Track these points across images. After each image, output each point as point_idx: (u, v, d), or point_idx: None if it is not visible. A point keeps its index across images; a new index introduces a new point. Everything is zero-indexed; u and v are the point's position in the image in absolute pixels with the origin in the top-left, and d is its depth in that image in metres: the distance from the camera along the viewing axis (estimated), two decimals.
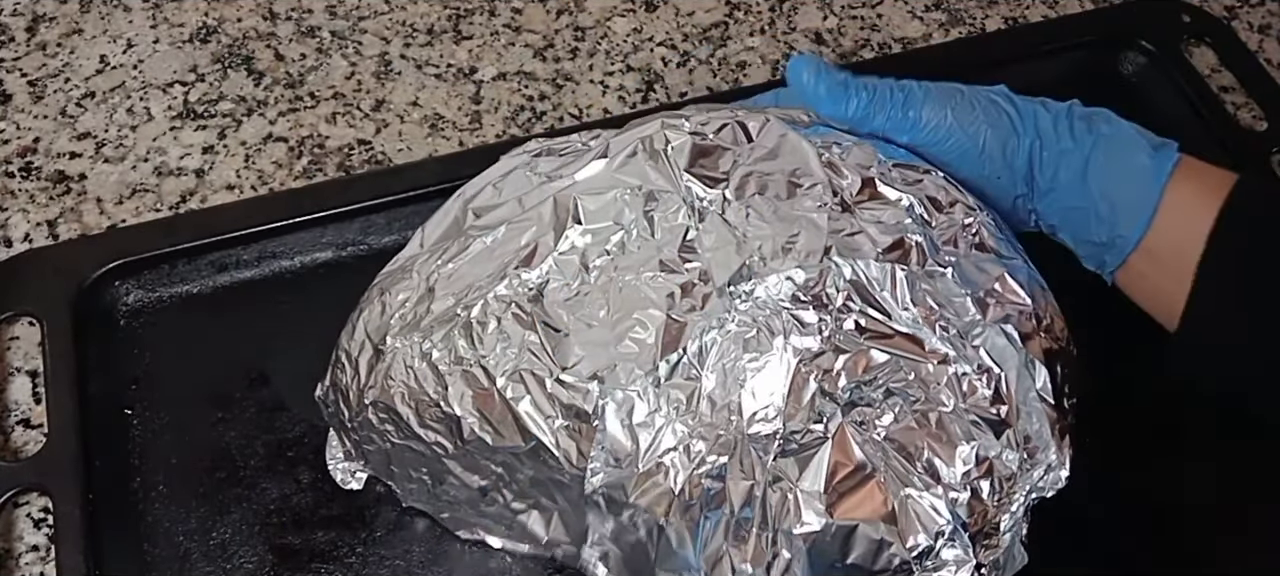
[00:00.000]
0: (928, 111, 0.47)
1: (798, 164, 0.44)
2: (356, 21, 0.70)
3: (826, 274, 0.41)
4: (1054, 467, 0.41)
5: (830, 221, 0.42)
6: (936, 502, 0.39)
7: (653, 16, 0.71)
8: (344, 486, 0.51)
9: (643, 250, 0.42)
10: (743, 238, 0.42)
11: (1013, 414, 0.41)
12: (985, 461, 0.40)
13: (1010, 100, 0.49)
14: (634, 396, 0.40)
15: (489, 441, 0.42)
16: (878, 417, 0.40)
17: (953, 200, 0.45)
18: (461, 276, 0.44)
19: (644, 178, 0.44)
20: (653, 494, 0.40)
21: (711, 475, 0.40)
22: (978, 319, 0.41)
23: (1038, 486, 0.41)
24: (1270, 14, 0.74)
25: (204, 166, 0.63)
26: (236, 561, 0.50)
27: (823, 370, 0.40)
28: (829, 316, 0.41)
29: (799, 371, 0.40)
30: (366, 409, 0.45)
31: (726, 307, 0.41)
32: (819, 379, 0.40)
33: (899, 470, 0.39)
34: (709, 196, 0.43)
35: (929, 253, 0.42)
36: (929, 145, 0.47)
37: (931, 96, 0.48)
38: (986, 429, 0.40)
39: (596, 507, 0.42)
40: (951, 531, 0.39)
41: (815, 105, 0.48)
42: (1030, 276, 0.44)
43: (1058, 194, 0.47)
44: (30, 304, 0.55)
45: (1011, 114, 0.48)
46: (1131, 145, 0.47)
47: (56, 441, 0.51)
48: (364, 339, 0.45)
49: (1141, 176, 0.46)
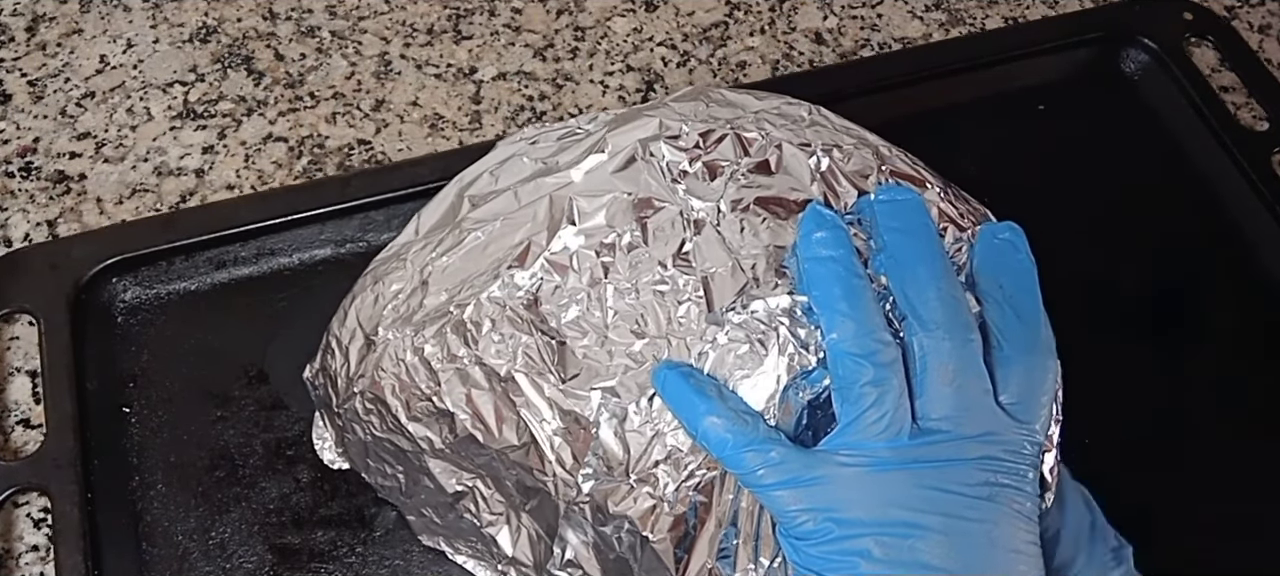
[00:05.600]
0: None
1: (793, 179, 0.44)
2: (356, 21, 0.70)
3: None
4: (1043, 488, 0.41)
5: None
6: None
7: (653, 16, 0.71)
8: (331, 466, 0.50)
9: (638, 259, 0.42)
10: (737, 254, 0.41)
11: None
12: None
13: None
14: (628, 406, 0.40)
15: (480, 439, 0.42)
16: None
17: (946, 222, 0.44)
18: (455, 272, 0.44)
19: (640, 185, 0.43)
20: (642, 506, 0.40)
21: (700, 488, 0.40)
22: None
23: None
24: (1271, 13, 0.74)
25: (204, 166, 0.63)
26: (236, 561, 0.50)
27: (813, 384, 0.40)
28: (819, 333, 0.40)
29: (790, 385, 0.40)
30: (354, 397, 0.45)
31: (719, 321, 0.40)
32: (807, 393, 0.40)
33: None
34: (704, 209, 0.43)
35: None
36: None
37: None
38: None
39: (581, 517, 0.42)
40: None
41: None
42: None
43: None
44: (27, 301, 0.55)
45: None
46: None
47: (55, 440, 0.51)
48: (356, 327, 0.45)
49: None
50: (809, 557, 0.36)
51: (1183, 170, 0.66)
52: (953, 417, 0.36)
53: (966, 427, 0.36)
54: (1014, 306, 0.39)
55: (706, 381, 0.38)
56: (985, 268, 0.40)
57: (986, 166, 0.57)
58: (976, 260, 0.41)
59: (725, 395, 0.38)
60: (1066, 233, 0.60)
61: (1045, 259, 0.47)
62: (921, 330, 0.37)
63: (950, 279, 0.38)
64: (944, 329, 0.37)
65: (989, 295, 0.39)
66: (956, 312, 0.38)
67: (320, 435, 0.51)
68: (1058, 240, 0.52)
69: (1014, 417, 0.37)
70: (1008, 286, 0.39)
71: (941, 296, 0.38)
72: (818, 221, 0.39)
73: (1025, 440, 0.37)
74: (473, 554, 0.48)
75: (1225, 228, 0.63)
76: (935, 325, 0.37)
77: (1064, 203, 0.62)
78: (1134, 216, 0.63)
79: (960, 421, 0.36)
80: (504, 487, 0.44)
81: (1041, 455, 0.39)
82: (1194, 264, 0.62)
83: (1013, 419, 0.37)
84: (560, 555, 0.43)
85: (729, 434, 0.37)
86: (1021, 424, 0.37)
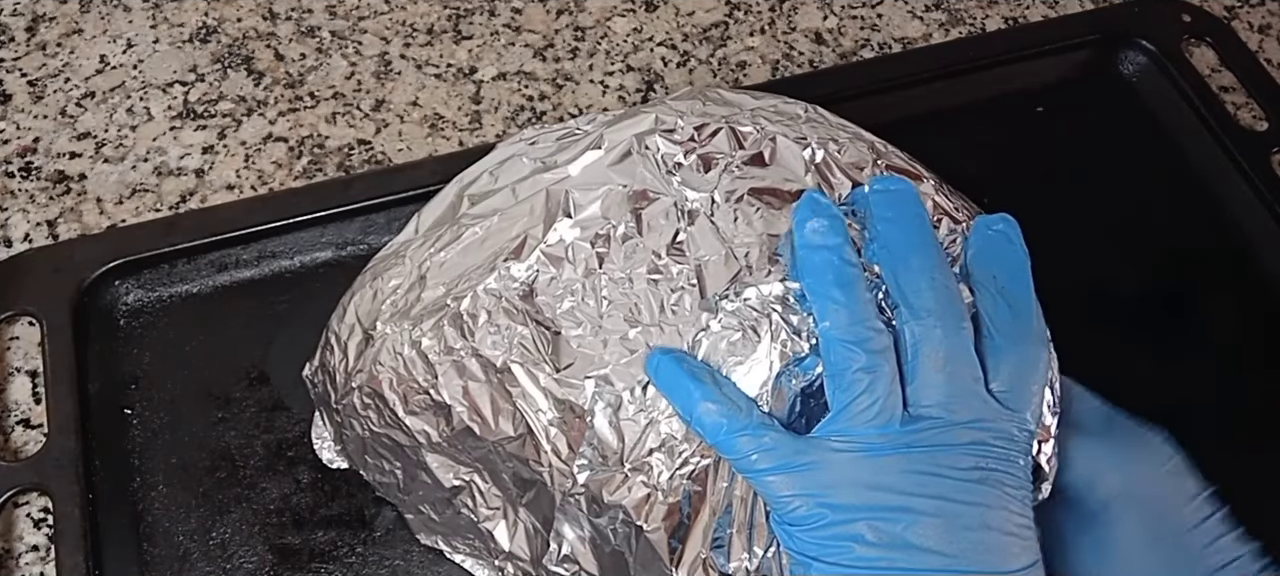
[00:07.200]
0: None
1: (787, 170, 0.44)
2: (356, 21, 0.70)
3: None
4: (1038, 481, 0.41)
5: None
6: None
7: (653, 16, 0.71)
8: (330, 465, 0.51)
9: (632, 249, 0.42)
10: (731, 243, 0.42)
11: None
12: None
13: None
14: (623, 396, 0.40)
15: (476, 431, 0.42)
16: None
17: (940, 214, 0.44)
18: (452, 266, 0.44)
19: (635, 177, 0.44)
20: (637, 495, 0.40)
21: (694, 476, 0.40)
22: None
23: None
24: (1270, 14, 0.74)
25: (204, 166, 0.63)
26: (236, 561, 0.50)
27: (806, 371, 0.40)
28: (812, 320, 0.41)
29: (783, 372, 0.40)
30: (352, 392, 0.45)
31: (712, 308, 0.41)
32: (800, 380, 0.40)
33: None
34: (698, 199, 0.43)
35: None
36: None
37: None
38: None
39: (577, 510, 0.42)
40: None
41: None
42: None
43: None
44: (30, 303, 0.55)
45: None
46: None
47: (56, 441, 0.51)
48: (354, 323, 0.46)
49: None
50: (803, 543, 0.36)
51: (1182, 171, 0.66)
52: (944, 404, 0.36)
53: (957, 414, 0.37)
54: (1006, 297, 0.39)
55: (700, 367, 0.38)
56: (979, 259, 0.40)
57: (986, 167, 0.57)
58: (971, 251, 0.41)
59: (719, 381, 0.38)
60: (1066, 233, 0.61)
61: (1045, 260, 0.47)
62: (913, 318, 0.37)
63: (943, 268, 0.39)
64: (935, 316, 0.37)
65: (982, 285, 0.40)
66: (949, 301, 0.38)
67: (319, 434, 0.51)
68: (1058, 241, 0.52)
69: (1004, 405, 0.37)
70: (1001, 277, 0.40)
71: (934, 285, 0.38)
72: (813, 209, 0.39)
73: (1014, 427, 0.37)
74: (470, 551, 0.48)
75: (1225, 228, 0.64)
76: (927, 313, 0.37)
77: (1064, 203, 0.62)
78: (1134, 217, 0.64)
79: (951, 407, 0.37)
80: (501, 481, 0.44)
81: (1034, 443, 0.39)
82: (1194, 264, 0.62)
83: (1003, 406, 0.37)
84: (557, 551, 0.43)
85: (723, 419, 0.37)
86: (1011, 411, 0.37)
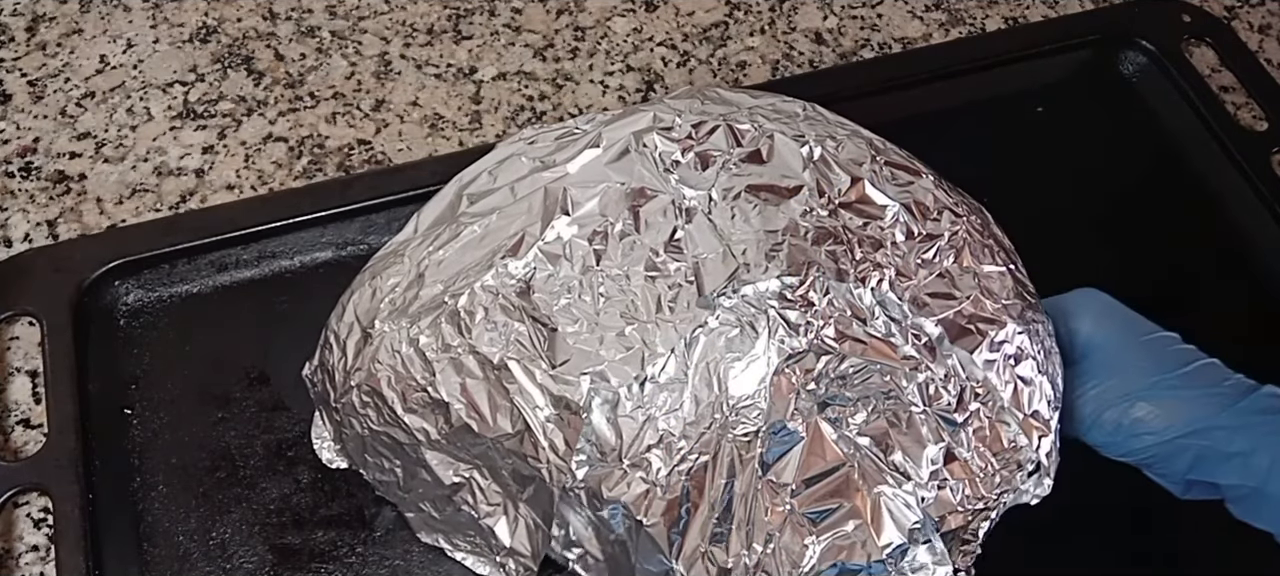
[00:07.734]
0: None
1: (785, 167, 0.44)
2: (356, 21, 0.70)
3: (808, 280, 0.42)
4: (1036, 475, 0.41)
5: (815, 227, 0.43)
6: (908, 499, 0.39)
7: (653, 16, 0.71)
8: (329, 465, 0.51)
9: (630, 247, 0.43)
10: (728, 240, 0.42)
11: (984, 416, 0.41)
12: (954, 462, 0.40)
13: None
14: (620, 392, 0.41)
15: (475, 428, 0.42)
16: (851, 416, 0.40)
17: (941, 208, 0.45)
18: (451, 264, 0.44)
19: (633, 175, 0.44)
20: (636, 490, 0.40)
21: (691, 473, 0.40)
22: (943, 333, 0.42)
23: (1019, 489, 0.41)
24: (1270, 14, 0.74)
25: (204, 166, 0.63)
26: (236, 561, 0.50)
27: (804, 370, 0.40)
28: (811, 319, 0.41)
29: (780, 370, 0.40)
30: (351, 391, 0.45)
31: (710, 305, 0.41)
32: (798, 379, 0.40)
33: (871, 468, 0.40)
34: (696, 197, 0.43)
35: (906, 268, 0.43)
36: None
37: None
38: (955, 431, 0.41)
39: (577, 503, 0.42)
40: (925, 531, 0.39)
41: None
42: (1016, 287, 0.44)
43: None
44: (30, 304, 0.55)
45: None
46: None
47: (56, 441, 0.51)
48: (353, 321, 0.46)
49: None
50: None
51: (1182, 171, 0.66)
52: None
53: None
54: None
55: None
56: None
57: (986, 167, 0.57)
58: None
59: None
60: (1066, 233, 0.61)
61: (1045, 260, 0.47)
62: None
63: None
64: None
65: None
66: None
67: (319, 434, 0.51)
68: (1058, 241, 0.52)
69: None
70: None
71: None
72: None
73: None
74: (471, 549, 0.48)
75: (1225, 228, 0.64)
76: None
77: (1063, 204, 0.62)
78: (1134, 217, 0.64)
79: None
80: (500, 477, 0.44)
81: (1035, 438, 0.41)
82: (1194, 264, 0.62)
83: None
84: (562, 535, 0.43)
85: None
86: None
